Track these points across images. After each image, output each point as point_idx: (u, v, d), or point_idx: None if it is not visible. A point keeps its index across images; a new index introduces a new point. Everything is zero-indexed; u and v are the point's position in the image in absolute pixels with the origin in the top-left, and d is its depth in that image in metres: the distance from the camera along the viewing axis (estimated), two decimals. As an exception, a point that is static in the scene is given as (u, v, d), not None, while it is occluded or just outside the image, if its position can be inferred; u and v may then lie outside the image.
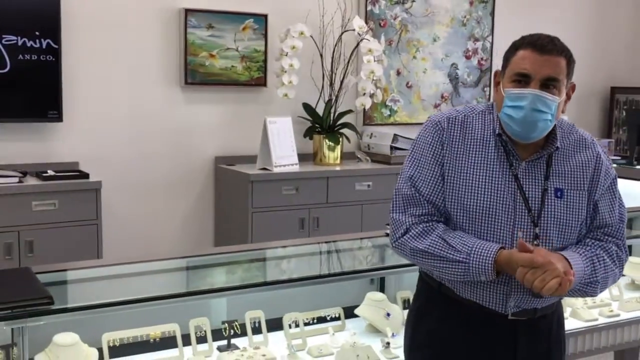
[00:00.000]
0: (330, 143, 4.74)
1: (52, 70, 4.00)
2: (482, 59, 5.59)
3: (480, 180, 1.86)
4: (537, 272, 1.71)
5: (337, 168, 4.70)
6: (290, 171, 4.49)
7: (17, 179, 3.73)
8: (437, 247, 1.82)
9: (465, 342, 1.90)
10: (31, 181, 3.82)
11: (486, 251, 1.78)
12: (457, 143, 1.88)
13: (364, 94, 4.67)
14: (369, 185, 4.69)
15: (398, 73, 5.22)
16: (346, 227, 4.52)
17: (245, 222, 4.36)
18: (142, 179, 4.47)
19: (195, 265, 2.78)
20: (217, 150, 4.72)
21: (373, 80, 4.64)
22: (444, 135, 1.88)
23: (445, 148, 1.87)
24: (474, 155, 1.86)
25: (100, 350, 2.20)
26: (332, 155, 4.76)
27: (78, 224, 3.83)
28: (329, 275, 2.62)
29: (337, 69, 4.80)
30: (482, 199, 1.84)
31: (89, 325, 2.21)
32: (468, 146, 1.87)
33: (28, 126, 4.07)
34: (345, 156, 4.90)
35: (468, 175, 1.86)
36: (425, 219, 1.87)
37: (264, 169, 4.45)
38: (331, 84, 4.79)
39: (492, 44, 5.62)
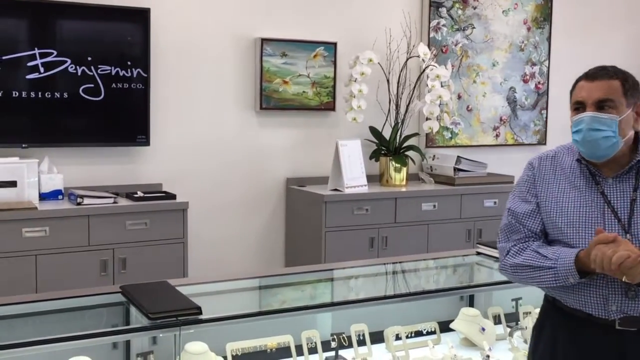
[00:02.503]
0: (397, 165, 4.92)
1: (142, 97, 4.25)
2: (539, 82, 5.74)
3: (570, 201, 2.09)
4: (610, 245, 1.89)
5: (404, 189, 4.88)
6: (360, 192, 4.68)
7: (112, 200, 3.97)
8: (530, 258, 2.06)
9: (576, 353, 2.06)
10: (123, 202, 4.05)
11: (570, 253, 1.99)
12: (548, 176, 2.15)
13: (432, 118, 4.84)
14: (434, 206, 4.85)
15: (459, 97, 5.39)
16: (413, 246, 4.70)
17: (318, 241, 4.54)
18: (219, 199, 4.69)
19: (294, 281, 2.96)
20: (288, 171, 4.93)
21: (440, 104, 4.81)
22: (536, 172, 2.17)
23: (537, 182, 2.15)
24: (563, 183, 2.12)
25: (225, 358, 2.39)
26: (398, 177, 4.94)
27: (167, 242, 4.04)
28: (426, 292, 2.77)
29: (402, 94, 4.99)
30: (572, 217, 2.07)
31: (213, 335, 2.39)
32: (558, 176, 2.14)
33: (119, 150, 4.32)
34: (409, 177, 5.08)
35: (559, 199, 2.10)
36: (523, 241, 2.12)
37: (335, 189, 4.64)
38: (397, 108, 4.98)
39: (548, 67, 5.78)
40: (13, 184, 3.84)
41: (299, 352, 2.52)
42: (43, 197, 3.98)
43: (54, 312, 2.35)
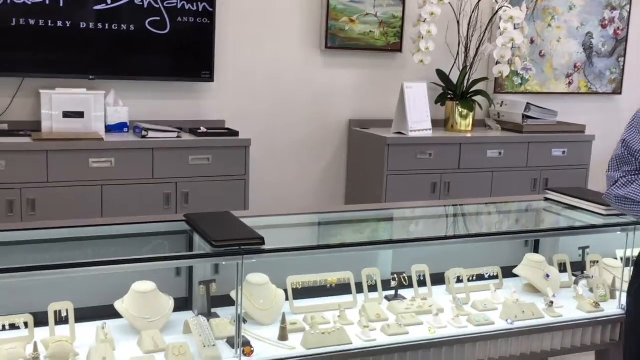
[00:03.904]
0: (463, 110, 4.79)
1: (207, 32, 4.23)
2: (618, 28, 5.46)
3: None
4: None
5: (469, 135, 4.76)
6: (424, 136, 4.58)
7: (176, 134, 3.99)
8: (636, 193, 2.02)
9: None
10: (186, 137, 4.07)
11: None
12: None
13: (502, 61, 4.67)
14: (500, 153, 4.72)
15: (532, 41, 5.18)
16: (476, 193, 4.60)
17: (379, 185, 4.49)
18: (281, 138, 4.68)
19: (358, 219, 2.93)
20: (351, 113, 4.86)
21: (512, 48, 4.64)
22: None
23: None
24: None
25: (285, 291, 2.39)
26: (464, 122, 4.82)
27: (228, 178, 4.06)
28: (490, 234, 2.70)
29: (472, 36, 4.82)
30: None
31: (274, 268, 2.39)
32: None
33: (183, 85, 4.33)
34: (476, 123, 4.95)
35: None
36: (633, 174, 2.06)
37: (399, 133, 4.55)
38: (466, 51, 4.82)
39: (629, 13, 5.48)
40: (80, 114, 3.90)
41: (359, 289, 2.50)
42: (109, 129, 4.04)
43: (119, 236, 2.39)
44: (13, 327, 2.03)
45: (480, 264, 2.76)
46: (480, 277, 2.73)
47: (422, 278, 2.62)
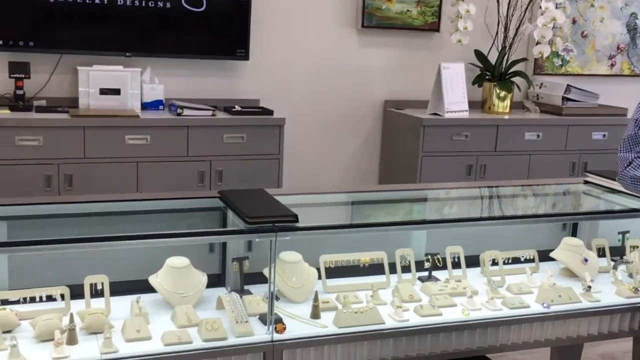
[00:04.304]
0: (501, 91, 4.71)
1: (243, 10, 4.21)
2: (663, 9, 5.31)
3: None
4: None
5: (506, 117, 4.68)
6: (460, 117, 4.52)
7: (210, 112, 4.00)
8: None
9: None
10: (221, 115, 4.08)
11: None
12: None
13: (542, 42, 4.57)
14: (538, 136, 4.64)
15: (574, 21, 5.07)
16: (513, 176, 4.53)
17: (414, 166, 4.45)
18: (315, 117, 4.66)
19: (392, 199, 2.91)
20: (386, 93, 4.82)
21: (553, 28, 4.54)
22: None
23: None
24: None
25: (318, 270, 2.38)
26: (502, 104, 4.74)
27: (262, 157, 4.06)
28: (528, 216, 2.66)
29: (512, 15, 4.72)
30: None
31: (307, 246, 2.38)
32: None
33: (218, 63, 4.33)
34: (513, 105, 4.87)
35: None
36: None
37: (435, 114, 4.50)
38: (505, 31, 4.73)
39: (675, -7, 5.33)
40: (117, 92, 3.93)
41: (392, 270, 2.48)
42: (145, 106, 4.06)
43: (154, 212, 2.40)
44: (50, 298, 2.05)
45: (516, 247, 2.72)
46: (516, 260, 2.69)
47: (456, 260, 2.59)
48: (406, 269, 2.51)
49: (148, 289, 2.19)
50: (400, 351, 2.12)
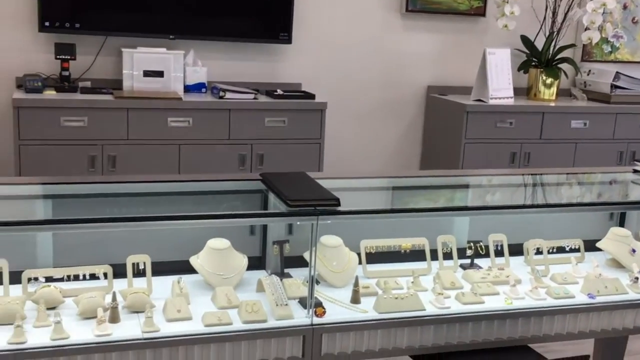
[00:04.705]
0: (548, 78, 4.61)
1: (286, -7, 4.20)
2: None
3: None
4: None
5: (553, 104, 4.59)
6: (505, 104, 4.44)
7: (252, 96, 4.00)
8: None
9: None
10: (263, 99, 4.07)
11: None
12: None
13: (592, 27, 4.45)
14: (585, 124, 4.54)
15: (625, 7, 4.93)
16: (558, 164, 4.45)
17: (456, 153, 4.40)
18: (357, 102, 4.63)
19: (434, 184, 2.87)
20: (429, 79, 4.76)
21: (603, 13, 4.41)
22: None
23: None
24: None
25: (358, 255, 2.37)
26: (548, 91, 4.64)
27: (303, 141, 4.05)
28: (574, 204, 2.60)
29: (561, 0, 4.61)
30: None
31: (348, 231, 2.36)
32: None
33: (261, 47, 4.32)
34: (560, 92, 4.77)
35: None
36: None
37: (479, 100, 4.43)
38: (554, 16, 4.62)
39: None
40: (160, 74, 3.95)
41: (433, 256, 2.45)
42: (187, 89, 4.08)
43: (196, 193, 2.41)
44: (93, 277, 2.08)
45: (561, 236, 2.66)
46: (561, 250, 2.63)
47: (499, 248, 2.55)
48: (447, 256, 2.48)
49: (189, 270, 2.20)
50: (441, 338, 2.09)
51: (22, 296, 1.97)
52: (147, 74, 3.92)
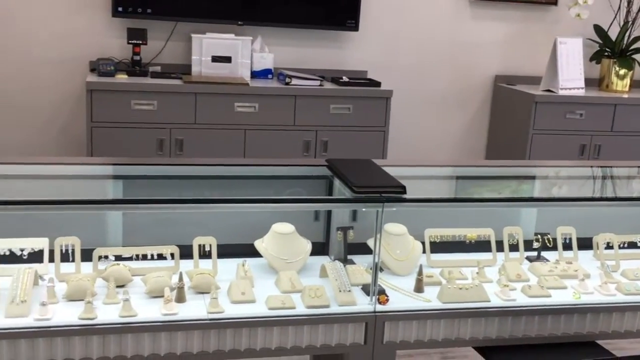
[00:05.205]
0: (621, 69, 4.46)
1: (354, -20, 4.18)
2: None
3: None
4: None
5: (626, 96, 4.44)
6: (576, 95, 4.32)
7: (318, 83, 4.00)
8: None
9: None
10: (328, 85, 4.07)
11: None
12: None
13: (671, 16, 4.29)
14: (660, 116, 4.38)
15: None
16: (630, 158, 4.31)
17: (523, 144, 4.30)
18: (423, 90, 4.58)
19: (500, 174, 2.82)
20: (497, 68, 4.67)
21: (684, 1, 4.25)
22: None
23: None
24: None
25: (423, 244, 2.35)
26: (621, 83, 4.50)
27: (368, 129, 4.03)
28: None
29: (638, -12, 4.46)
30: None
31: (412, 219, 2.34)
32: None
33: (328, 34, 4.32)
34: (633, 84, 4.61)
35: None
36: None
37: (548, 90, 4.32)
38: (629, 5, 4.46)
39: None
40: (228, 59, 4.00)
41: (499, 248, 2.41)
42: (254, 75, 4.11)
43: (262, 177, 2.43)
44: (160, 257, 2.12)
45: (633, 231, 2.58)
46: (633, 245, 2.55)
47: (567, 241, 2.48)
48: (513, 247, 2.43)
49: (253, 253, 2.22)
50: (505, 331, 2.06)
51: (92, 274, 2.02)
52: (215, 59, 3.97)
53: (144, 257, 2.10)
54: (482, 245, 2.42)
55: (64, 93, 4.07)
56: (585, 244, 2.52)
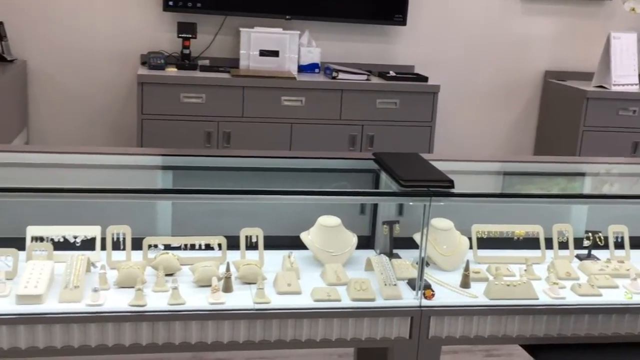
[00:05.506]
0: (678, 64, 4.34)
1: (402, -26, 4.15)
2: None
3: None
4: None
5: (682, 92, 4.32)
6: (629, 91, 4.23)
7: (365, 77, 3.99)
8: None
9: None
10: (375, 80, 4.06)
11: None
12: None
13: None
14: None
15: None
16: (685, 157, 4.20)
17: (573, 141, 4.23)
18: (471, 85, 4.53)
19: (550, 171, 2.77)
20: (547, 63, 4.59)
21: None
22: None
23: None
24: None
25: (469, 240, 2.32)
26: (677, 78, 4.37)
27: (414, 124, 4.01)
28: None
29: (697, -18, 4.32)
30: None
31: (459, 215, 2.32)
32: None
33: (375, 28, 4.30)
34: (691, 80, 4.48)
35: None
36: None
37: (600, 86, 4.23)
38: (687, -1, 4.34)
39: None
40: (275, 53, 4.02)
41: (547, 245, 2.37)
42: (301, 69, 4.13)
43: (307, 170, 2.43)
44: (208, 247, 2.15)
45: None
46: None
47: (619, 240, 2.43)
48: (563, 245, 2.39)
49: (299, 245, 2.23)
50: (554, 329, 2.03)
51: (142, 262, 2.06)
52: (263, 53, 4.00)
53: (192, 247, 2.13)
54: (530, 243, 2.39)
55: (116, 85, 4.15)
56: (638, 243, 2.47)
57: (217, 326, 1.86)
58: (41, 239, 2.06)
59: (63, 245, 2.06)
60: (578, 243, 2.41)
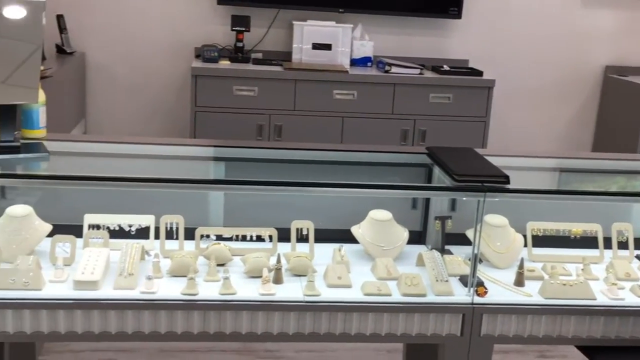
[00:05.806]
0: None
1: (459, -34, 4.09)
2: None
3: None
4: None
5: None
6: (694, 87, 4.08)
7: (418, 71, 3.95)
8: None
9: None
10: (428, 74, 4.01)
11: None
12: None
13: None
14: None
15: None
16: None
17: (634, 138, 4.10)
18: (527, 80, 4.44)
19: (609, 168, 2.69)
20: (608, 58, 4.46)
21: None
22: None
23: None
24: None
25: (524, 237, 2.27)
26: None
27: (468, 119, 3.95)
28: None
29: None
30: None
31: (513, 212, 2.27)
32: None
33: (429, 21, 4.25)
34: None
35: None
36: None
37: (663, 82, 4.10)
38: None
39: None
40: (328, 47, 4.01)
41: (606, 244, 2.30)
42: (353, 62, 4.11)
43: (359, 163, 2.42)
44: (259, 238, 2.15)
45: None
46: None
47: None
48: (622, 245, 2.32)
49: (349, 239, 2.22)
50: (612, 331, 1.97)
51: (194, 251, 2.08)
52: (315, 46, 3.99)
53: (244, 238, 2.14)
54: (587, 242, 2.32)
55: (170, 77, 4.20)
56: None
57: (267, 317, 1.87)
58: (98, 227, 2.10)
59: (118, 233, 2.10)
60: (638, 243, 2.34)
